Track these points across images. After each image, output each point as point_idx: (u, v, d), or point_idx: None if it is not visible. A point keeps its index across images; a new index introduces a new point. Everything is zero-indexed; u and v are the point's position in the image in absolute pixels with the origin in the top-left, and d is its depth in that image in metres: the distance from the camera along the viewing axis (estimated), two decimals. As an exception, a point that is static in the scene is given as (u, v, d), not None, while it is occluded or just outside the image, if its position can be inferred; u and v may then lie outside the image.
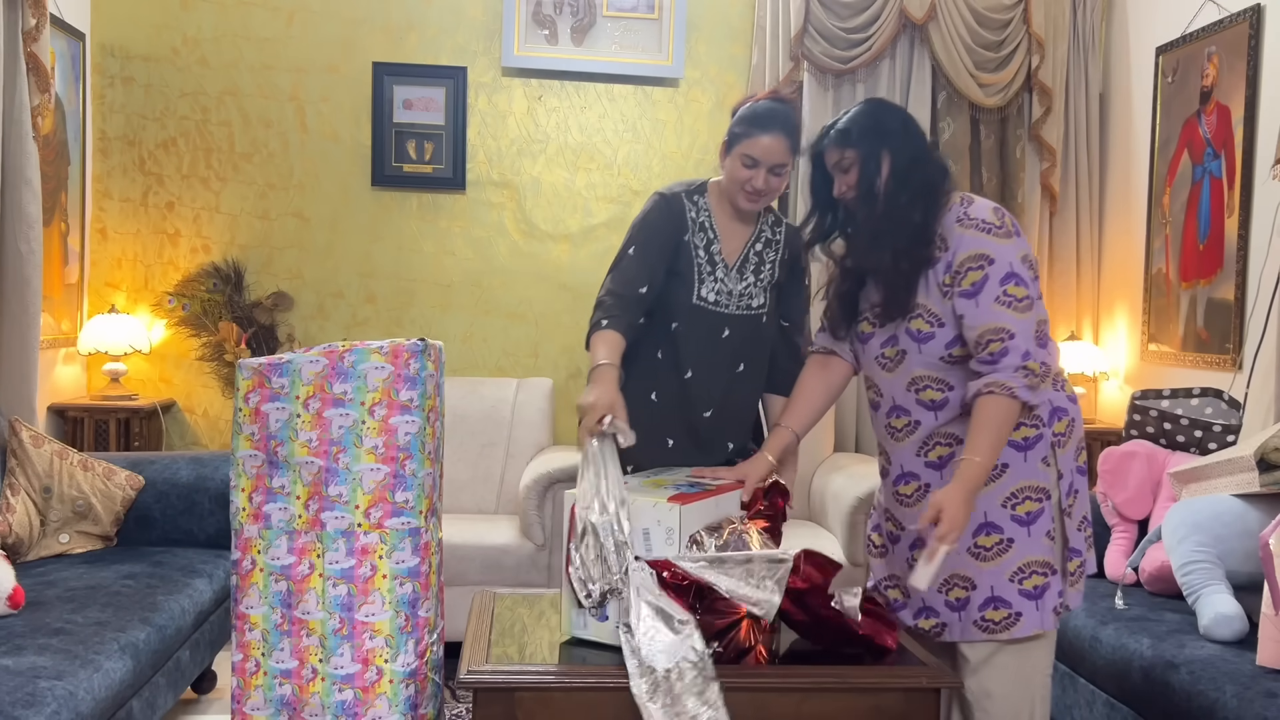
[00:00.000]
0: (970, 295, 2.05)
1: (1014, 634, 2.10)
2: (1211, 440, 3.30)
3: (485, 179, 4.51)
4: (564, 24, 4.44)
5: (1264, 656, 2.35)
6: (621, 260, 2.42)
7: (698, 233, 2.44)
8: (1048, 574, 2.11)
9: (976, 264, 2.05)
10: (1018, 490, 2.10)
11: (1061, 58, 4.51)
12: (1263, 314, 3.44)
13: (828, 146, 2.20)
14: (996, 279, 2.04)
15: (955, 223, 2.09)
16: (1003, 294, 2.04)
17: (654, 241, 2.42)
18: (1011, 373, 2.02)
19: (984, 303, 2.04)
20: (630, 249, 2.42)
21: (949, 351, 2.10)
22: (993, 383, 2.02)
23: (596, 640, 2.04)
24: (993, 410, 2.02)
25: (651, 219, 2.45)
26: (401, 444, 2.11)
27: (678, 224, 2.43)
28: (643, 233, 2.44)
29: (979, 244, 2.06)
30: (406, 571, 2.12)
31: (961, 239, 2.07)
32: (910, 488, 2.20)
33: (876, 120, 2.17)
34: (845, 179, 2.18)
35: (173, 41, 4.37)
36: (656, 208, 2.46)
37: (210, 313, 4.35)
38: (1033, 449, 2.10)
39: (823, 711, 1.92)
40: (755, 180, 2.36)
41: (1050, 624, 2.11)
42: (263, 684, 2.14)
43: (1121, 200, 4.49)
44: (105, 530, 3.19)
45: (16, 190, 3.47)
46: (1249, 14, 3.67)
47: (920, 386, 2.15)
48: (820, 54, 4.42)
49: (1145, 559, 2.98)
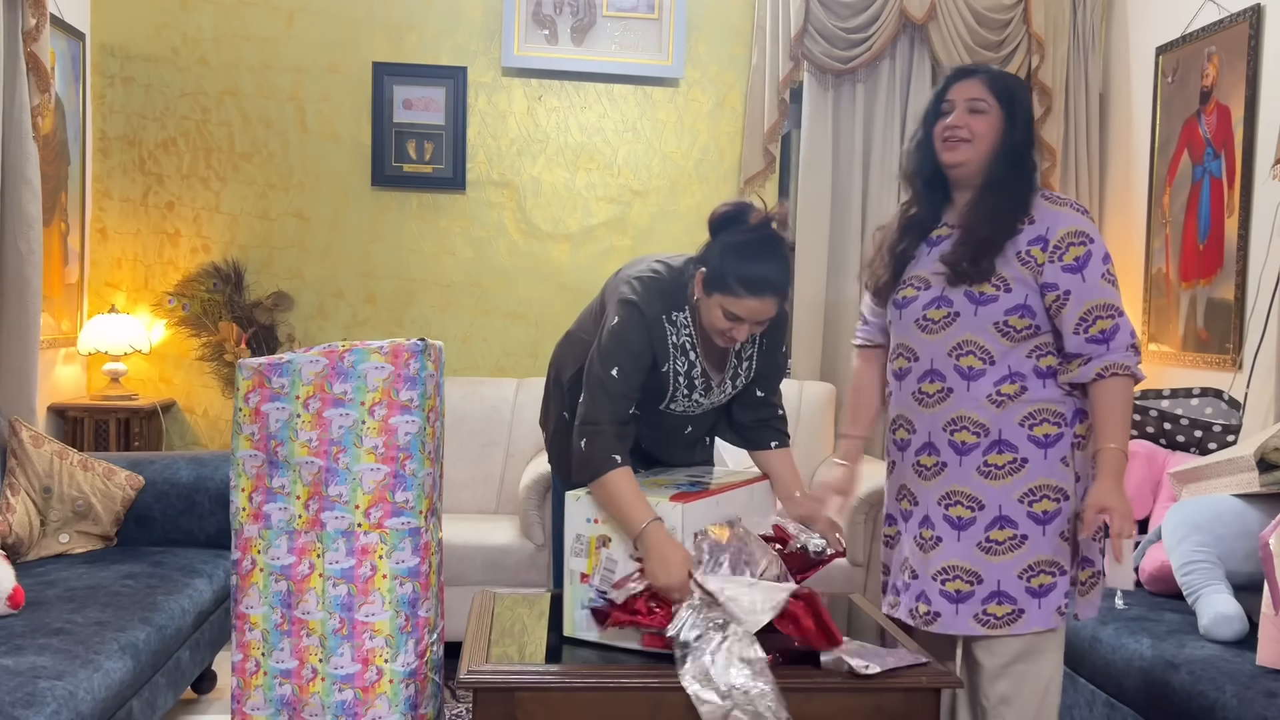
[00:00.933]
0: (1075, 270, 2.07)
1: (1013, 630, 2.10)
2: (1211, 440, 3.30)
3: (485, 179, 4.51)
4: (564, 24, 4.44)
5: (1264, 656, 2.35)
6: (607, 384, 2.14)
7: (679, 358, 2.21)
8: (1056, 574, 2.11)
9: (1079, 240, 2.07)
10: (1036, 488, 2.10)
11: (1061, 58, 4.51)
12: (1263, 314, 3.44)
13: (973, 78, 2.18)
14: (1099, 257, 2.08)
15: (1043, 199, 2.13)
16: (1106, 272, 2.09)
17: (637, 365, 2.16)
18: (1125, 351, 2.06)
19: (1090, 278, 2.07)
20: (614, 371, 2.14)
21: (1006, 318, 2.10)
22: (1113, 364, 2.06)
23: (600, 642, 2.05)
24: (1119, 393, 2.06)
25: (633, 345, 2.16)
26: (401, 444, 2.11)
27: (659, 351, 2.19)
28: (624, 357, 2.15)
29: (1077, 221, 2.09)
30: (406, 571, 2.12)
31: (1057, 215, 2.10)
32: (931, 460, 2.17)
33: (1020, 90, 2.20)
34: (971, 119, 2.14)
35: (173, 41, 4.37)
36: (637, 332, 2.16)
37: (210, 313, 4.35)
38: (1053, 447, 2.11)
39: (823, 711, 1.92)
40: (735, 333, 2.12)
41: (1052, 622, 2.11)
42: (263, 684, 2.14)
43: (1121, 200, 4.49)
44: (105, 530, 3.19)
45: (16, 190, 3.47)
46: (1249, 14, 3.67)
47: (964, 352, 2.13)
48: (820, 54, 4.42)
49: (1145, 559, 2.98)
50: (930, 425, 2.18)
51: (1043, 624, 2.10)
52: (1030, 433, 2.11)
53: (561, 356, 2.45)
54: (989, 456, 2.12)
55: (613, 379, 2.13)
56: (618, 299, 2.20)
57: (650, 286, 2.19)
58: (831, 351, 4.55)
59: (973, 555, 2.11)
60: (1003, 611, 2.10)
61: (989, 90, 2.14)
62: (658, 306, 2.18)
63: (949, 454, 2.15)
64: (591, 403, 2.14)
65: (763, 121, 4.47)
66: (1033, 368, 2.13)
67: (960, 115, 2.14)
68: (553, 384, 2.48)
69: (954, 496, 2.14)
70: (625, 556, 2.02)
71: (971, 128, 2.13)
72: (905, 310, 2.22)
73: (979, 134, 2.13)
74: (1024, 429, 2.11)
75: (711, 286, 2.09)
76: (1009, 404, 2.12)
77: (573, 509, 2.09)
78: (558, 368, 2.45)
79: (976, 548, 2.11)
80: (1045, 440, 2.11)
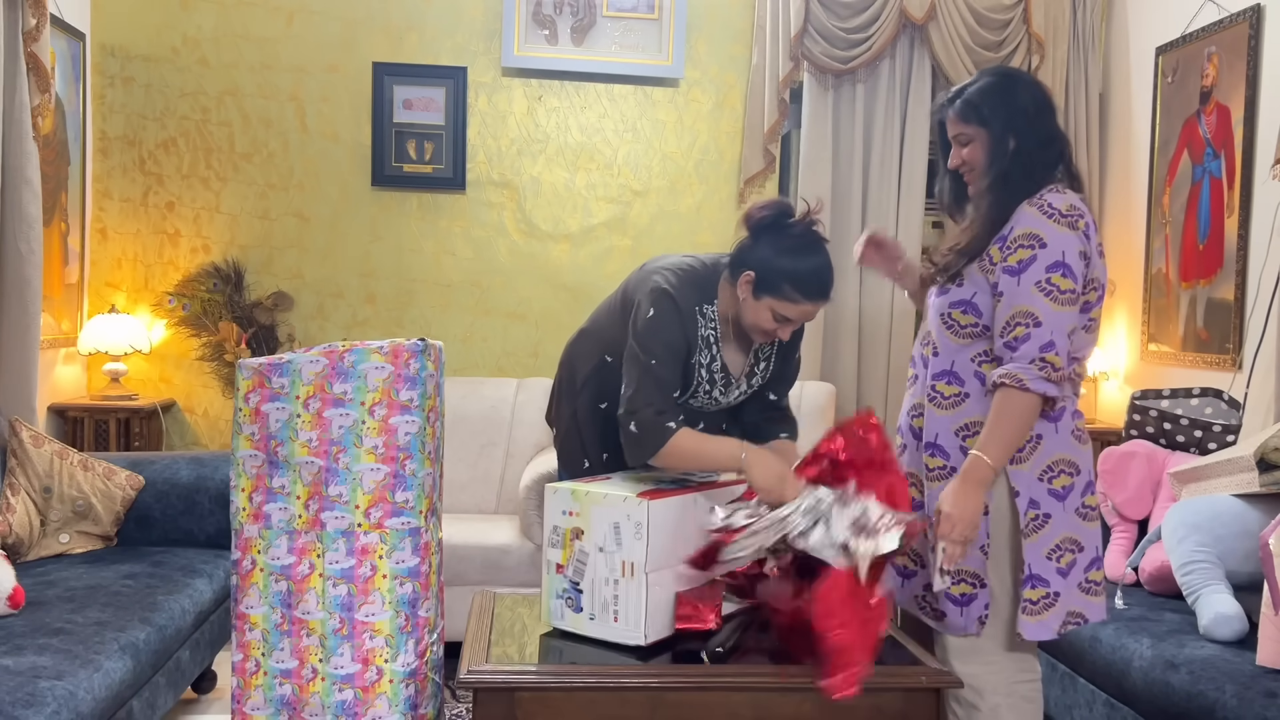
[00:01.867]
0: (1014, 273, 2.00)
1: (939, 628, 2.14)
2: (1211, 440, 3.30)
3: (485, 179, 4.51)
4: (564, 24, 4.44)
5: (1264, 656, 2.35)
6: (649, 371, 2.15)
7: (704, 350, 2.24)
8: (976, 585, 2.10)
9: (1028, 243, 1.99)
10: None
11: (1061, 58, 4.51)
12: (1263, 314, 3.44)
13: (949, 116, 2.13)
14: (1044, 264, 1.98)
15: (1025, 201, 2.05)
16: (1046, 280, 1.98)
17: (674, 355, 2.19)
18: (1027, 363, 1.97)
19: (1025, 283, 1.99)
20: (653, 360, 2.16)
21: (950, 311, 2.09)
22: (1006, 373, 1.98)
23: (574, 631, 2.08)
24: (1004, 403, 1.99)
25: (670, 334, 2.18)
26: (401, 444, 2.11)
27: (690, 342, 2.21)
28: (661, 347, 2.17)
29: (1036, 224, 2.00)
30: (406, 571, 2.12)
31: (1022, 214, 2.03)
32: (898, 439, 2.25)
33: (1007, 96, 2.08)
34: (961, 153, 2.12)
35: (173, 41, 4.37)
36: (673, 321, 2.18)
37: (210, 313, 4.35)
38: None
39: (823, 711, 1.92)
40: (781, 332, 2.18)
41: (974, 629, 2.09)
42: (263, 684, 2.14)
43: (1121, 200, 4.49)
44: (105, 530, 3.19)
45: (16, 190, 3.47)
46: (1249, 14, 3.67)
47: (925, 341, 2.18)
48: (820, 54, 4.42)
49: (1145, 559, 2.98)
50: (905, 406, 2.27)
51: (962, 629, 2.10)
52: (962, 444, 2.09)
53: (576, 354, 2.46)
54: (925, 456, 2.14)
55: (653, 367, 2.16)
56: (650, 289, 2.20)
57: (684, 278, 2.21)
58: (831, 351, 4.55)
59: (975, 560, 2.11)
60: (934, 604, 2.15)
61: (961, 120, 2.11)
62: (692, 297, 2.20)
63: (908, 437, 2.21)
64: (635, 389, 2.15)
65: (763, 121, 4.47)
66: (974, 372, 2.09)
67: (955, 153, 2.15)
68: (565, 381, 2.48)
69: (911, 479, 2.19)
70: (595, 549, 2.04)
71: (967, 159, 2.13)
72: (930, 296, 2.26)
73: (975, 164, 2.12)
74: (957, 439, 2.10)
75: (762, 289, 2.13)
76: (945, 407, 2.10)
77: (551, 500, 2.12)
78: (572, 365, 2.46)
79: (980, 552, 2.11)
80: None
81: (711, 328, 2.23)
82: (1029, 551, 2.06)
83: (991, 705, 2.10)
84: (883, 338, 4.55)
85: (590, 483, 2.14)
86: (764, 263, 2.12)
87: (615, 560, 2.02)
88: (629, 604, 2.01)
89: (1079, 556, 2.09)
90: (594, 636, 2.05)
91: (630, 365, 2.19)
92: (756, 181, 4.54)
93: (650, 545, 2.00)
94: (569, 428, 2.46)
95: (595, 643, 2.05)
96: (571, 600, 2.08)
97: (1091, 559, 2.12)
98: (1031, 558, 2.06)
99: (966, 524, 1.99)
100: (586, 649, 2.04)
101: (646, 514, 2.00)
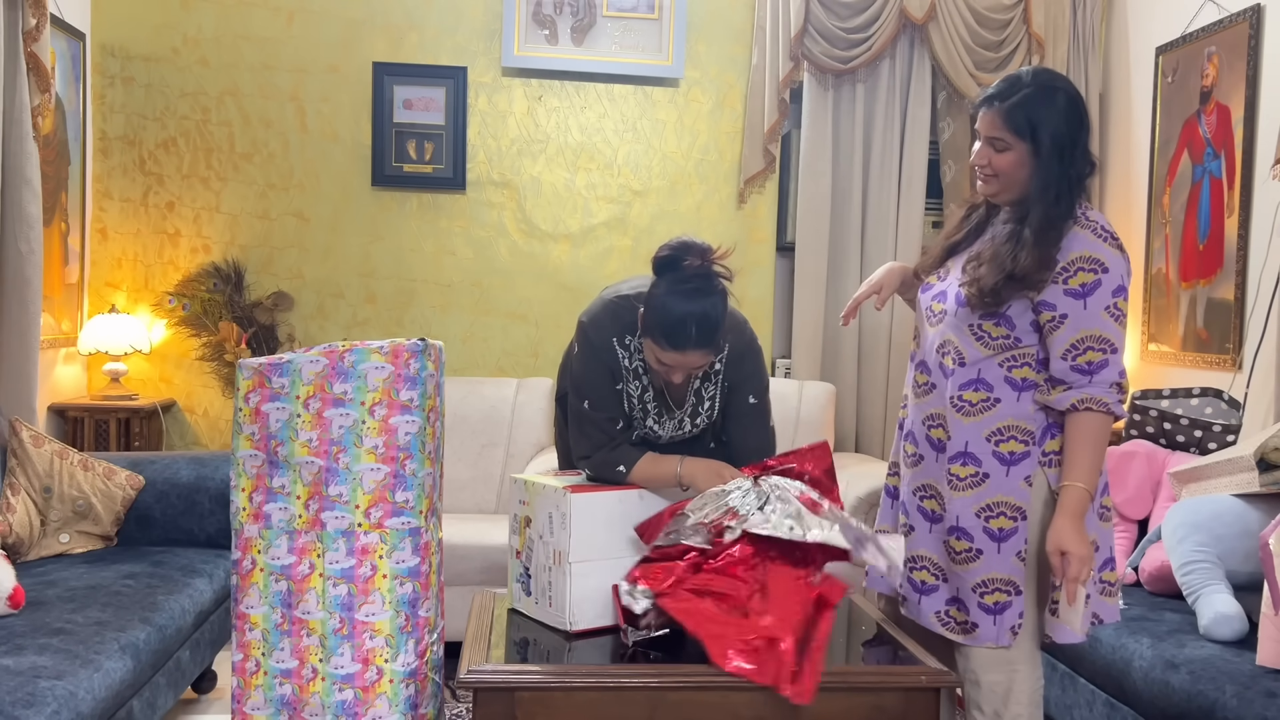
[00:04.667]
0: (1079, 296, 1.98)
1: (968, 641, 2.10)
2: (1211, 440, 3.30)
3: (485, 179, 4.51)
4: (564, 24, 4.44)
5: (1264, 656, 2.35)
6: (584, 416, 2.25)
7: (632, 381, 2.26)
8: (1011, 593, 2.07)
9: (1090, 266, 1.97)
10: (993, 504, 2.06)
11: (1061, 58, 4.50)
12: (1263, 314, 3.45)
13: (990, 110, 2.05)
14: (1110, 288, 1.97)
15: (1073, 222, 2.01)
16: (1114, 305, 1.98)
17: (602, 386, 2.25)
18: (1107, 388, 1.98)
19: (1093, 307, 1.97)
20: (585, 403, 2.25)
21: (980, 322, 2.05)
22: (1090, 399, 1.98)
23: (525, 613, 2.24)
24: (1091, 428, 1.98)
25: (590, 367, 2.24)
26: (401, 444, 2.11)
27: (614, 374, 2.25)
28: (587, 384, 2.24)
29: (1095, 247, 1.99)
30: (406, 571, 2.12)
31: (1076, 236, 1.99)
32: (911, 448, 2.21)
33: (1057, 113, 2.01)
34: (994, 156, 2.06)
35: (173, 41, 4.37)
36: (590, 354, 2.23)
37: (210, 313, 4.35)
38: (1016, 465, 2.06)
39: (823, 711, 1.92)
40: (671, 376, 2.16)
41: (1005, 640, 2.07)
42: (263, 684, 2.14)
43: (1121, 200, 4.49)
44: (105, 530, 3.19)
45: (16, 190, 3.47)
46: (1249, 14, 3.67)
47: (946, 350, 2.12)
48: (820, 54, 4.42)
49: (1145, 559, 2.99)
50: (914, 416, 2.21)
51: (995, 640, 2.08)
52: (995, 449, 2.07)
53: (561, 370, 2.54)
54: (953, 466, 2.10)
55: (586, 411, 2.26)
56: (578, 324, 2.29)
57: (606, 309, 2.26)
58: (832, 351, 4.55)
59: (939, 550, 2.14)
60: (960, 618, 2.11)
61: (1006, 126, 2.03)
62: (609, 330, 2.23)
63: (926, 448, 2.17)
64: (579, 438, 2.28)
65: (763, 121, 4.47)
66: (1003, 378, 2.07)
67: (983, 151, 2.08)
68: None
69: (927, 490, 2.16)
70: (538, 537, 2.19)
71: (994, 165, 2.06)
72: (922, 295, 2.22)
73: (1003, 171, 2.05)
74: (990, 444, 2.07)
75: (644, 331, 2.14)
76: (973, 414, 2.08)
77: (512, 490, 2.29)
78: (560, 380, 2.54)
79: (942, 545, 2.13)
80: (1010, 458, 2.06)
81: (639, 359, 2.24)
82: None
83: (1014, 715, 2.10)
84: (883, 338, 4.55)
85: (545, 475, 2.30)
86: (650, 302, 2.12)
87: (550, 549, 2.16)
88: (559, 590, 2.15)
89: (1099, 558, 2.10)
90: (537, 619, 2.21)
91: (570, 414, 2.31)
92: (756, 181, 4.54)
93: (574, 537, 2.12)
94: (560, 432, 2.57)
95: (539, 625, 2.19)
96: (524, 584, 2.24)
97: (1106, 559, 2.12)
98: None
99: (1086, 558, 1.97)
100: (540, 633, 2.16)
101: (570, 507, 2.12)
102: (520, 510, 2.26)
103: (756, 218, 4.60)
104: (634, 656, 2.01)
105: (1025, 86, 2.04)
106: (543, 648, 2.11)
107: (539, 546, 2.19)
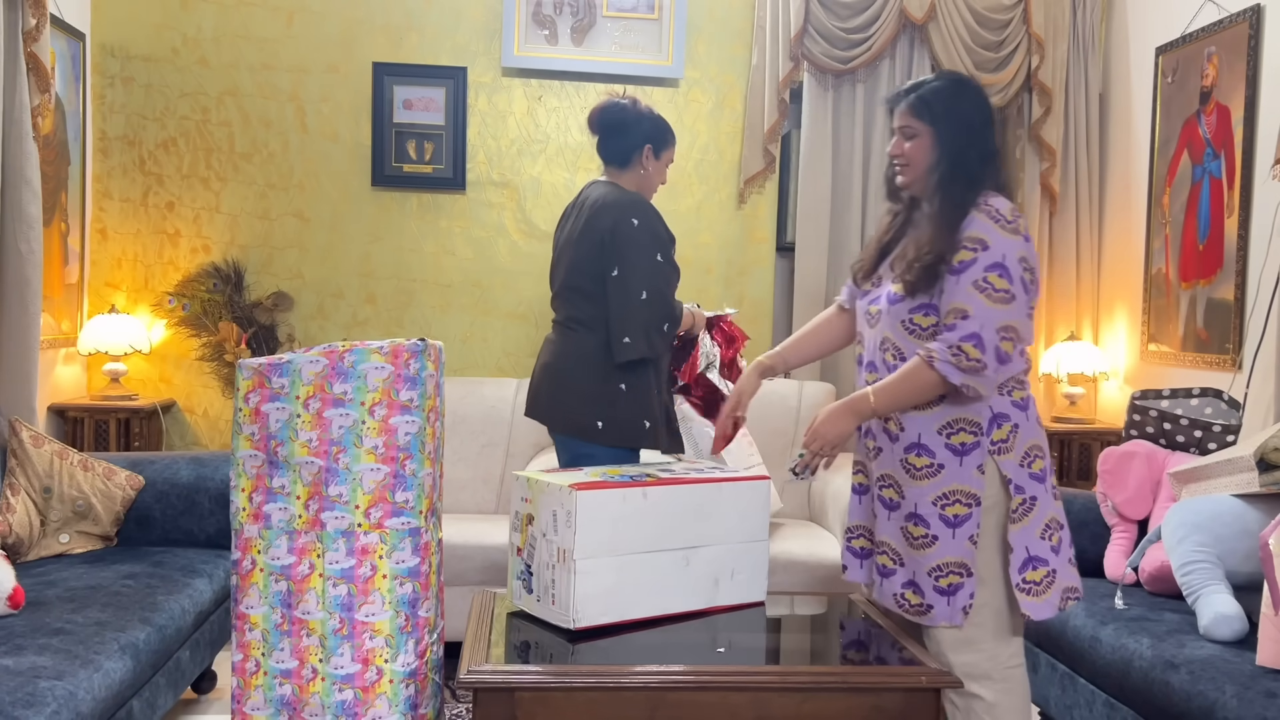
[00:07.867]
0: (956, 272, 2.11)
1: (924, 621, 2.18)
2: (1211, 440, 3.30)
3: (485, 179, 4.51)
4: (564, 24, 4.44)
5: (1264, 656, 2.35)
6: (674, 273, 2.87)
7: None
8: (963, 575, 2.15)
9: (972, 245, 2.10)
10: (949, 492, 2.15)
11: (1061, 58, 4.51)
12: (1263, 314, 3.45)
13: (901, 103, 2.22)
14: (984, 264, 2.09)
15: (976, 209, 2.14)
16: (983, 279, 2.09)
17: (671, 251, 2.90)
18: (944, 347, 2.08)
19: (963, 282, 2.09)
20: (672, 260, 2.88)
21: (910, 316, 2.16)
22: (925, 348, 2.10)
23: (527, 611, 2.24)
24: (911, 371, 2.12)
25: (668, 235, 2.88)
26: (401, 444, 2.11)
27: None
28: (671, 247, 2.88)
29: (983, 229, 2.11)
30: (406, 571, 2.12)
31: (973, 219, 2.12)
32: (871, 443, 2.29)
33: (960, 102, 2.19)
34: (905, 145, 2.21)
35: (173, 41, 4.37)
36: (664, 227, 2.88)
37: (210, 313, 4.35)
38: (968, 455, 2.15)
39: (823, 711, 1.92)
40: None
41: (958, 620, 2.15)
42: (263, 684, 2.14)
43: (1121, 200, 4.49)
44: (105, 530, 3.19)
45: (16, 190, 3.47)
46: (1249, 14, 3.67)
47: (886, 348, 2.22)
48: (820, 54, 4.43)
49: (1145, 559, 2.98)
50: None
51: (949, 620, 2.15)
52: (948, 441, 2.16)
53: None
54: (909, 456, 2.19)
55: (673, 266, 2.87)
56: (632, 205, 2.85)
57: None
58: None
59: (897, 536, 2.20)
60: (915, 601, 2.18)
61: (912, 115, 2.19)
62: None
63: (883, 439, 2.25)
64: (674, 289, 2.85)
65: (763, 121, 4.47)
66: None
67: (897, 142, 2.23)
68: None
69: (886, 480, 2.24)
70: (541, 535, 2.19)
71: (906, 153, 2.21)
72: (860, 302, 2.33)
73: (912, 159, 2.20)
74: (942, 437, 2.16)
75: (665, 146, 2.99)
76: (923, 408, 2.17)
77: (514, 488, 2.30)
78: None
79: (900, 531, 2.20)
80: (961, 449, 2.15)
81: None
82: (1022, 535, 2.15)
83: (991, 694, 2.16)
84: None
85: (548, 472, 2.31)
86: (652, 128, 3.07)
87: (554, 546, 2.16)
88: (562, 588, 2.15)
89: (1062, 534, 2.21)
90: (539, 617, 2.21)
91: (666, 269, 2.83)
92: (756, 181, 4.54)
93: (579, 534, 2.12)
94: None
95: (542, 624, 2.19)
96: (525, 582, 2.24)
97: (1026, 559, 2.19)
98: (1026, 541, 2.15)
99: (829, 443, 2.18)
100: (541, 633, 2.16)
101: (575, 504, 2.12)
102: (522, 508, 2.27)
103: (756, 218, 4.60)
104: (634, 657, 2.02)
105: (934, 81, 2.23)
106: (543, 648, 2.11)
107: (542, 544, 2.19)
